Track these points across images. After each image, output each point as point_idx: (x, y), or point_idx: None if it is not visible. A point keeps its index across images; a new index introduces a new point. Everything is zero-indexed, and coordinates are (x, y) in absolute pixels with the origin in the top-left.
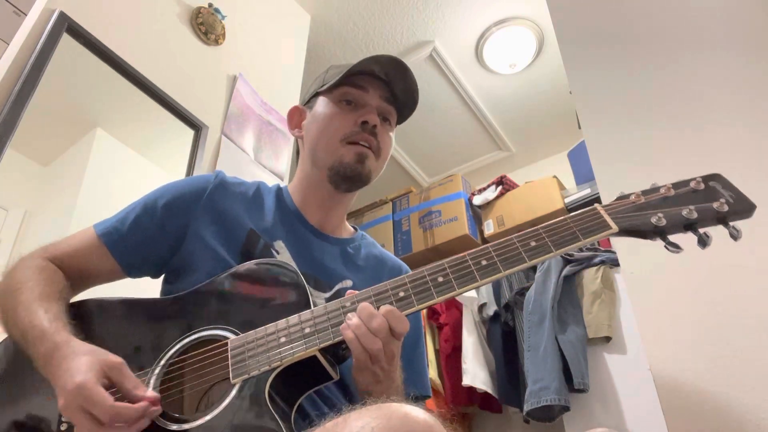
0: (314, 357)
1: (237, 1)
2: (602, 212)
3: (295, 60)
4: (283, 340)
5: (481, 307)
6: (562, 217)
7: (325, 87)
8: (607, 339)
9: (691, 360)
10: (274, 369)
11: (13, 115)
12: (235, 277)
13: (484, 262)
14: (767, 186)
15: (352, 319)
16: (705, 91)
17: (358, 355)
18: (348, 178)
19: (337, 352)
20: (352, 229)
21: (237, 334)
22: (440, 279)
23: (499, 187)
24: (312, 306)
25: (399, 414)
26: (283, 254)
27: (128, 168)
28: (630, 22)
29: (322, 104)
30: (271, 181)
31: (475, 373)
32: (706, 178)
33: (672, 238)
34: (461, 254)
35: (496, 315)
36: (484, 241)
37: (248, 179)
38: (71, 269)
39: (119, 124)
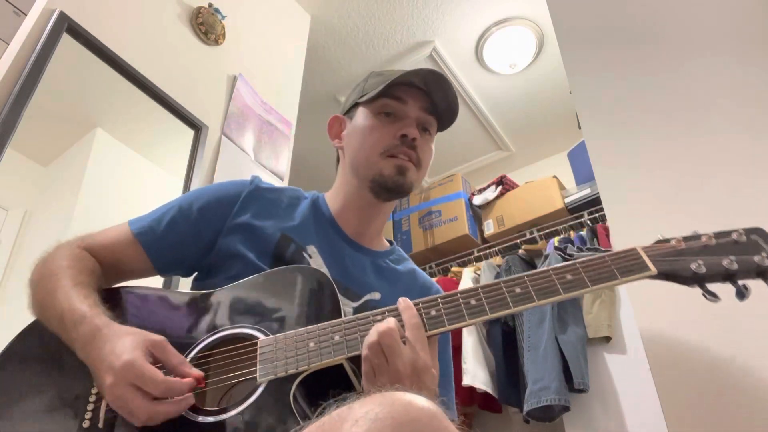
0: (340, 365)
1: (237, 1)
2: (642, 254)
3: (295, 60)
4: (312, 345)
5: None
6: (600, 254)
7: (364, 98)
8: (607, 339)
9: (692, 360)
10: (300, 373)
11: (13, 115)
12: (268, 279)
13: (518, 290)
14: (766, 185)
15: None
16: (705, 92)
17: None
18: (390, 189)
19: None
20: (387, 243)
21: (267, 335)
22: (473, 302)
23: (499, 187)
24: (342, 314)
25: (402, 401)
26: (315, 259)
27: (128, 168)
28: (630, 22)
29: (362, 116)
30: (270, 181)
31: (475, 373)
32: (749, 231)
33: (710, 287)
34: (495, 281)
35: None
36: (484, 241)
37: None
38: (106, 262)
39: (119, 124)
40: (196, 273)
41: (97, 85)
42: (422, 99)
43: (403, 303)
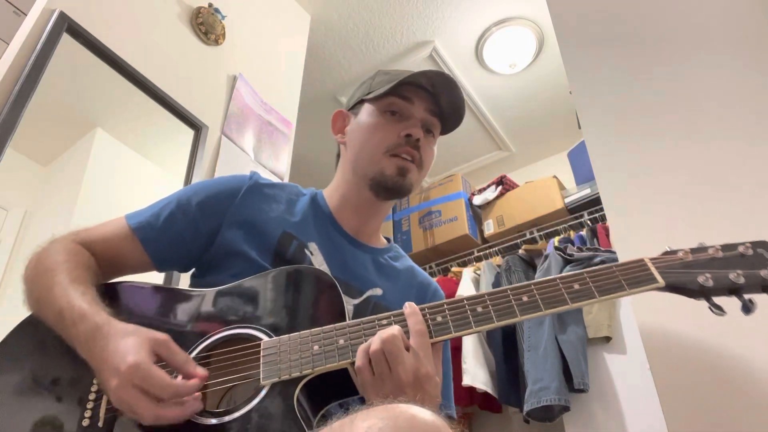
0: (345, 369)
1: (237, 1)
2: (650, 265)
3: (295, 60)
4: (316, 348)
5: None
6: (608, 265)
7: (371, 95)
8: (607, 339)
9: (692, 360)
10: (304, 376)
11: (13, 115)
12: (272, 279)
13: (525, 299)
14: (766, 185)
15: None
16: (705, 92)
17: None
18: (389, 189)
19: None
20: (385, 240)
21: (270, 336)
22: (479, 309)
23: (499, 187)
24: (347, 316)
25: (406, 415)
26: (316, 256)
27: (128, 168)
28: (630, 22)
29: (367, 112)
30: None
31: (475, 373)
32: (755, 245)
33: (716, 300)
34: (502, 288)
35: None
36: (484, 241)
37: None
38: (102, 257)
39: (119, 124)
40: (194, 269)
41: (97, 85)
42: (428, 100)
43: (409, 308)
